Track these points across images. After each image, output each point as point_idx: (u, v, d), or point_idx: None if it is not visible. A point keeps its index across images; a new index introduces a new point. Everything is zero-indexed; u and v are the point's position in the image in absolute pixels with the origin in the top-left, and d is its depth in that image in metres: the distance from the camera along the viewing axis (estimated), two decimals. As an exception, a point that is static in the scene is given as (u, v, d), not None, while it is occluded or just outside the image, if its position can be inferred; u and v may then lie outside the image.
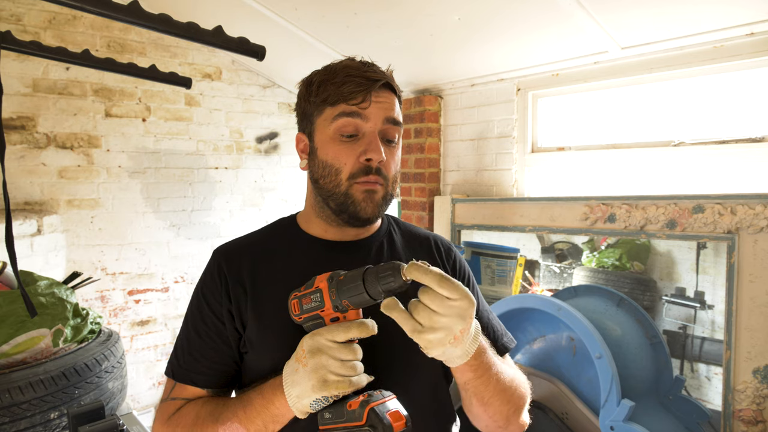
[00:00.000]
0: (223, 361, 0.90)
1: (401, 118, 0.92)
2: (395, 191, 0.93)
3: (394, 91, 0.91)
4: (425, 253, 1.01)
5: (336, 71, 0.88)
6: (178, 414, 0.87)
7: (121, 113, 3.07)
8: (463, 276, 1.04)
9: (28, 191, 2.79)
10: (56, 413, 1.39)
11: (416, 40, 2.49)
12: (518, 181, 2.78)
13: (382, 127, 0.87)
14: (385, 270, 0.72)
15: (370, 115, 0.86)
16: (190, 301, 0.95)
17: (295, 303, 0.79)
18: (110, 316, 3.08)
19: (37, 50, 1.69)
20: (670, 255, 2.19)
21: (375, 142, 0.86)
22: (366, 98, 0.85)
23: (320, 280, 0.78)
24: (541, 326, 2.16)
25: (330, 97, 0.87)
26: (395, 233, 1.02)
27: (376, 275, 0.72)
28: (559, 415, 2.00)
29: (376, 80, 0.86)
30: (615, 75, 2.32)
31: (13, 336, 1.45)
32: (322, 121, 0.89)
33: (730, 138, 2.03)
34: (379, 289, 0.72)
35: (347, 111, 0.86)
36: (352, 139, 0.87)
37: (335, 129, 0.87)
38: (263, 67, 3.46)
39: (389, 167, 0.89)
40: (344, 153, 0.87)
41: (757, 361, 1.81)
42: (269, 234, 1.00)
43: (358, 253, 0.95)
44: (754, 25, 1.82)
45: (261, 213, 3.68)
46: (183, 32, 1.35)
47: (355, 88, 0.85)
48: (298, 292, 0.80)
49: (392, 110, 0.89)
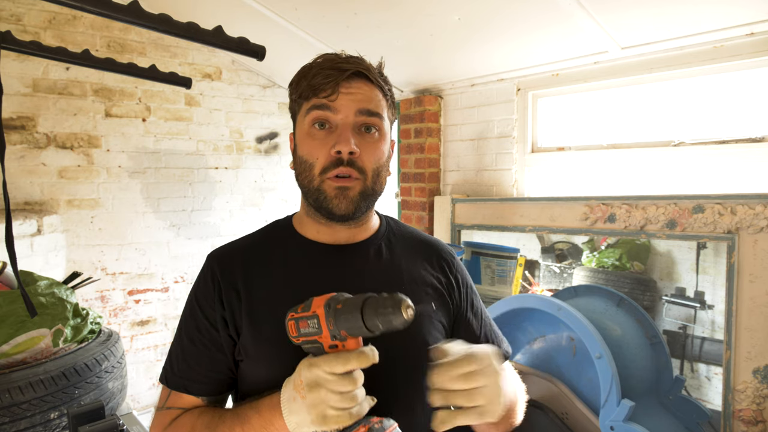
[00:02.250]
0: (218, 369, 0.88)
1: (382, 109, 0.88)
2: (379, 186, 0.89)
3: (372, 81, 0.87)
4: (426, 262, 0.98)
5: (312, 66, 0.87)
6: (174, 425, 0.85)
7: (121, 113, 3.07)
8: (466, 285, 1.02)
9: (28, 191, 2.79)
10: (56, 413, 1.39)
11: (416, 40, 2.49)
12: (518, 181, 2.78)
13: (355, 119, 0.84)
14: (386, 305, 0.66)
15: (339, 107, 0.84)
16: (184, 307, 0.93)
17: (292, 324, 0.75)
18: (110, 316, 3.08)
19: (37, 50, 1.69)
20: (670, 255, 2.19)
21: (344, 134, 0.83)
22: (335, 90, 0.83)
23: (317, 305, 0.72)
24: (541, 326, 2.16)
25: (303, 92, 0.86)
26: (394, 237, 0.99)
27: (376, 309, 0.67)
28: (559, 415, 1.99)
29: (345, 70, 0.84)
30: (615, 75, 2.32)
31: (13, 336, 1.45)
32: (300, 117, 0.88)
33: (730, 138, 2.03)
34: (378, 323, 0.67)
35: (317, 104, 0.84)
36: (324, 133, 0.85)
37: (308, 123, 0.86)
38: (263, 67, 3.46)
39: (366, 160, 0.85)
40: (317, 147, 0.85)
41: (757, 361, 1.81)
42: (264, 237, 0.97)
43: (355, 257, 0.92)
44: (754, 25, 1.82)
45: (261, 213, 3.68)
46: (183, 32, 1.35)
47: (323, 80, 0.83)
48: (295, 314, 0.74)
49: (366, 101, 0.85)
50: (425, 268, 0.97)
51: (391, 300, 0.67)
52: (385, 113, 0.89)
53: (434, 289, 0.95)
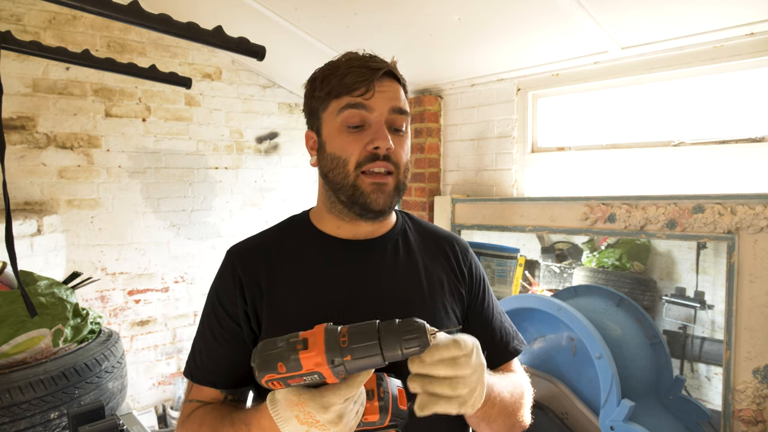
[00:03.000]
0: (239, 364, 0.89)
1: (407, 107, 0.91)
2: (407, 179, 0.92)
3: (398, 80, 0.90)
4: (441, 255, 0.99)
5: (338, 64, 0.88)
6: (190, 417, 0.87)
7: (121, 113, 3.07)
8: (479, 279, 1.03)
9: (28, 191, 2.79)
10: (56, 413, 1.39)
11: (416, 40, 2.49)
12: (518, 181, 2.78)
13: (389, 116, 0.87)
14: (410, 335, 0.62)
15: (374, 105, 0.85)
16: (206, 302, 0.94)
17: (276, 384, 0.66)
18: (110, 316, 3.08)
19: (37, 50, 1.69)
20: (670, 255, 2.19)
21: (382, 131, 0.85)
22: (369, 88, 0.85)
23: (312, 363, 0.63)
24: (541, 326, 2.16)
25: (334, 90, 0.86)
26: (410, 231, 1.00)
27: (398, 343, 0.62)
28: (559, 415, 2.00)
29: (378, 69, 0.86)
30: (615, 75, 2.32)
31: (13, 336, 1.45)
32: (328, 115, 0.89)
33: (730, 138, 2.03)
34: (400, 354, 0.63)
35: (352, 102, 0.85)
36: (358, 130, 0.86)
37: (341, 121, 0.86)
38: (263, 67, 3.46)
39: (399, 155, 0.88)
40: (351, 144, 0.86)
41: (757, 361, 1.81)
42: (282, 232, 0.98)
43: (373, 252, 0.94)
44: (754, 25, 1.82)
45: (261, 213, 3.68)
46: (183, 32, 1.35)
47: (357, 78, 0.85)
48: (275, 374, 0.64)
49: (397, 99, 0.88)
50: (440, 261, 0.98)
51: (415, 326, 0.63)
52: (409, 111, 0.92)
53: (448, 282, 0.97)
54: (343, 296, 0.88)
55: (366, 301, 0.88)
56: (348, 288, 0.89)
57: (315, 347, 0.63)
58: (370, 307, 0.87)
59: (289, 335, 0.67)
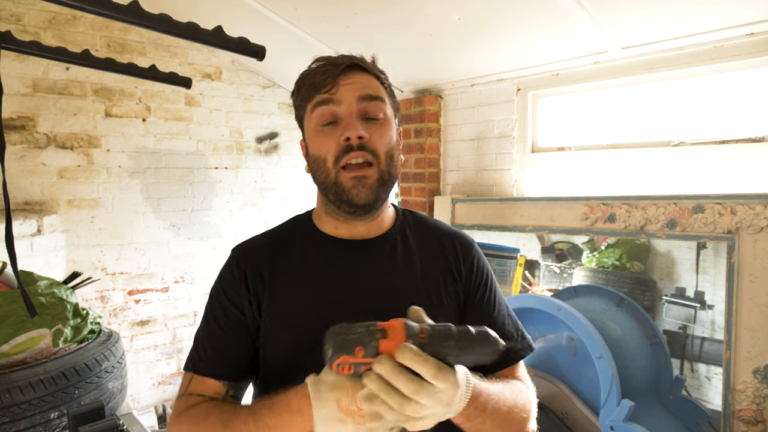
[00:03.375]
0: (244, 352, 0.90)
1: (383, 94, 0.91)
2: (394, 169, 0.90)
3: (368, 71, 0.90)
4: (440, 254, 0.98)
5: (309, 71, 0.91)
6: (191, 410, 0.86)
7: (121, 113, 3.07)
8: (482, 277, 1.00)
9: (28, 191, 2.78)
10: (56, 413, 1.39)
11: (416, 40, 2.49)
12: (518, 181, 2.78)
13: (358, 106, 0.87)
14: (486, 339, 0.65)
15: (341, 98, 0.87)
16: (209, 297, 0.95)
17: (346, 368, 0.67)
18: (110, 316, 3.08)
19: (37, 50, 1.69)
20: (670, 255, 2.19)
21: (350, 122, 0.86)
22: (335, 83, 0.87)
23: None
24: (541, 326, 2.16)
25: (306, 94, 0.90)
26: (410, 230, 1.00)
27: (476, 343, 0.64)
28: (559, 415, 2.00)
29: (340, 64, 0.87)
30: (615, 75, 2.32)
31: (13, 336, 1.45)
32: (307, 119, 0.92)
33: (730, 138, 2.03)
34: (473, 358, 0.65)
35: (320, 100, 0.87)
36: (331, 127, 0.88)
37: (315, 121, 0.89)
38: (263, 67, 3.46)
39: (376, 143, 0.87)
40: (326, 141, 0.87)
41: (757, 361, 1.81)
42: (285, 231, 1.00)
43: (371, 251, 0.94)
44: (754, 25, 1.82)
45: (261, 213, 3.68)
46: (183, 32, 1.35)
47: (322, 77, 0.87)
48: (351, 358, 0.65)
49: (366, 88, 0.88)
50: (438, 260, 0.98)
51: (492, 339, 0.65)
52: (387, 99, 0.92)
53: (445, 281, 0.96)
54: (342, 296, 0.90)
55: (363, 300, 0.89)
56: (346, 287, 0.90)
57: (395, 338, 0.65)
58: (368, 306, 0.87)
59: (365, 323, 0.68)
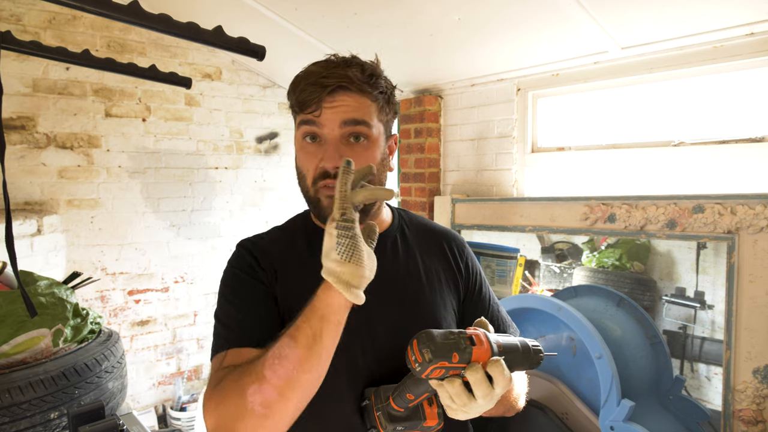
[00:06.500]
0: (271, 322, 0.88)
1: (369, 116, 0.88)
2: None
3: (360, 90, 0.87)
4: (438, 251, 1.03)
5: (299, 79, 0.90)
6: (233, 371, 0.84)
7: (121, 113, 3.07)
8: (476, 273, 1.07)
9: (28, 191, 2.79)
10: (56, 413, 1.39)
11: (416, 40, 2.49)
12: (518, 181, 2.78)
13: (341, 130, 0.86)
14: (538, 354, 0.76)
15: (324, 122, 0.86)
16: (223, 284, 0.93)
17: (437, 372, 0.72)
18: (110, 316, 3.08)
19: (37, 50, 1.69)
20: (670, 255, 2.19)
21: (329, 150, 0.86)
22: (318, 106, 0.86)
23: (482, 360, 0.72)
24: (541, 326, 2.16)
25: (294, 106, 0.91)
26: (407, 228, 1.04)
27: (531, 356, 0.76)
28: (559, 415, 1.99)
29: (326, 86, 0.85)
30: (615, 75, 2.32)
31: (13, 336, 1.45)
32: (295, 128, 0.93)
33: (730, 138, 2.03)
34: (522, 368, 0.77)
35: (304, 119, 0.88)
36: (314, 143, 0.89)
37: (300, 135, 0.90)
38: (263, 67, 3.46)
39: (357, 167, 0.86)
40: (308, 159, 0.89)
41: (757, 361, 1.81)
42: (288, 227, 1.02)
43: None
44: (754, 25, 1.82)
45: (261, 213, 3.68)
46: (183, 32, 1.35)
47: (307, 97, 0.86)
48: (447, 363, 0.70)
49: (352, 111, 0.86)
50: (437, 257, 1.02)
51: (542, 355, 0.77)
52: (374, 118, 0.90)
53: (446, 276, 1.01)
54: None
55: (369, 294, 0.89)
56: None
57: (482, 345, 0.72)
58: (374, 302, 0.87)
59: (454, 330, 0.74)
